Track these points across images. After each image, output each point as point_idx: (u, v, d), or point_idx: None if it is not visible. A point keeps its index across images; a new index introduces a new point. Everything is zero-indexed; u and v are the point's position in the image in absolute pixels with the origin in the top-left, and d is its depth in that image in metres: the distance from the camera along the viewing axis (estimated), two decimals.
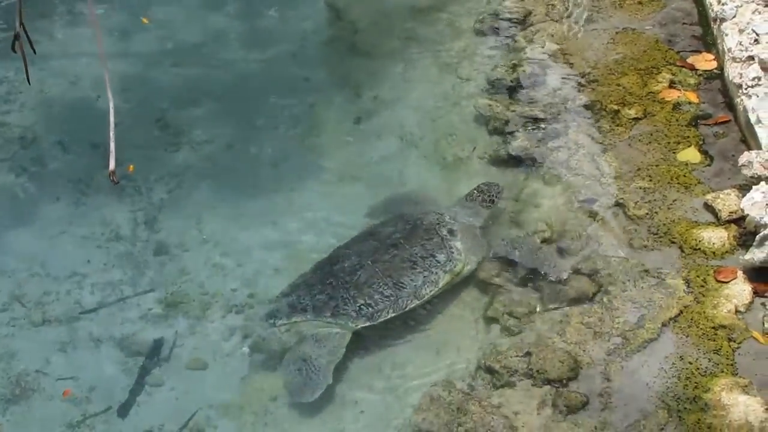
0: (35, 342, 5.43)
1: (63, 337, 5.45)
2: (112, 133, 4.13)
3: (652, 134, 6.15)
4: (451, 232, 5.58)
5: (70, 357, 5.36)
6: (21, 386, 5.20)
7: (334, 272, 5.36)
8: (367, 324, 5.20)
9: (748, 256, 5.16)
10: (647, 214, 5.62)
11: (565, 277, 5.33)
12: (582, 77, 6.70)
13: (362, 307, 5.19)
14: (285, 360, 5.15)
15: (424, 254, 5.41)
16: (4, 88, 7.13)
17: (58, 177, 6.45)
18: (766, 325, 4.92)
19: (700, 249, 5.36)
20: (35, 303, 5.62)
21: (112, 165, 4.09)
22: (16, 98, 7.03)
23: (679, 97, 6.35)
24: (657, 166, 5.93)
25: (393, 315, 5.23)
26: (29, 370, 5.28)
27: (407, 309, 5.26)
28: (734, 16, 6.38)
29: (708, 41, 6.74)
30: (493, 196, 5.87)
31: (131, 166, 6.37)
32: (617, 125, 6.26)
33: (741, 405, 4.54)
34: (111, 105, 4.23)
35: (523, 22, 7.34)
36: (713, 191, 5.64)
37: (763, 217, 5.19)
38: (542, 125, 6.41)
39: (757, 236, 5.16)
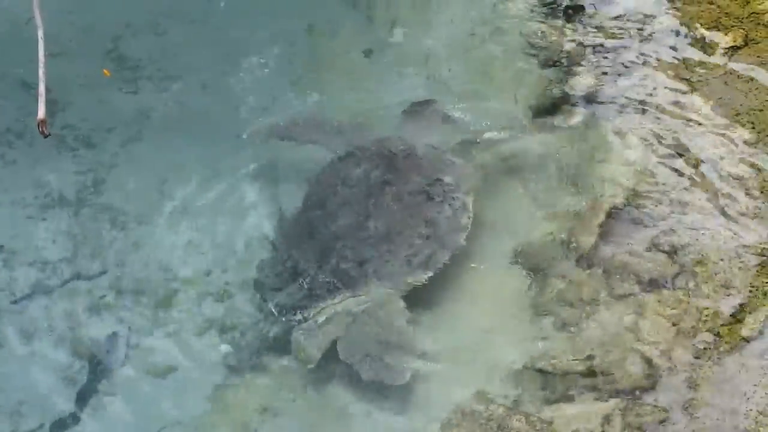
0: None
1: None
2: (42, 71, 4.05)
3: (755, 68, 6.09)
4: (432, 147, 5.58)
5: None
6: None
7: (337, 235, 5.26)
8: (428, 274, 5.16)
9: None
10: (748, 173, 5.57)
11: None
12: None
13: (409, 257, 5.14)
14: (349, 358, 5.04)
15: (430, 180, 5.40)
16: None
17: None
18: None
19: None
20: None
21: (41, 113, 4.01)
22: None
23: None
24: (761, 110, 5.87)
25: (450, 255, 5.20)
26: None
27: (461, 244, 5.25)
28: None
29: None
30: (435, 105, 5.99)
31: (106, 71, 6.44)
32: (709, 56, 6.20)
33: None
34: (40, 33, 4.14)
35: None
36: None
37: None
38: (611, 56, 6.38)
39: None
